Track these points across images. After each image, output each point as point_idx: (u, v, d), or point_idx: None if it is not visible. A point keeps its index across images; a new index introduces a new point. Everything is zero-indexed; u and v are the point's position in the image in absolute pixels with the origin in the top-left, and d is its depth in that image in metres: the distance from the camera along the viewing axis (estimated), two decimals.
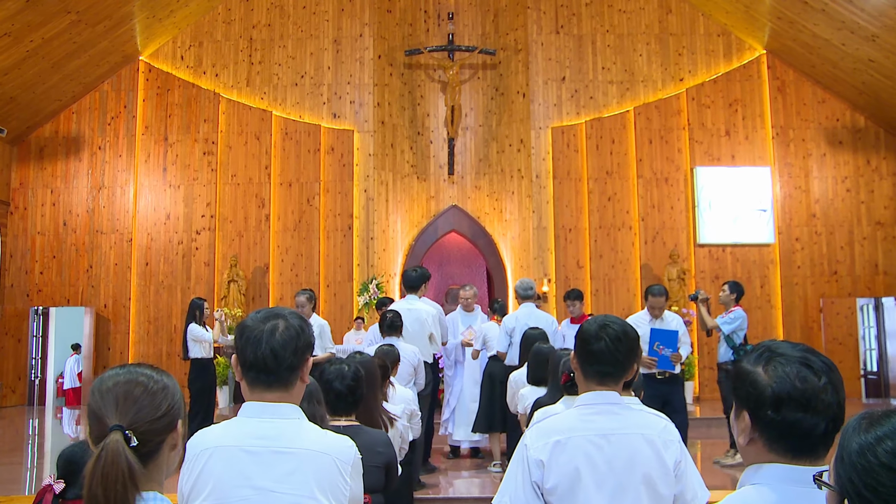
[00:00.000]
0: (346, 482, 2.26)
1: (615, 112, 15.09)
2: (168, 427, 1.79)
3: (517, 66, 15.31)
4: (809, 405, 1.71)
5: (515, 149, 15.11)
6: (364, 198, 14.66)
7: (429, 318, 7.84)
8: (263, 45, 15.29)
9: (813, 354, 1.78)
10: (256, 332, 2.25)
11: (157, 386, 1.80)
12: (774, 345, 1.82)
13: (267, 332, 2.25)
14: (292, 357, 2.25)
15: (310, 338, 2.32)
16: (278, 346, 2.23)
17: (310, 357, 2.34)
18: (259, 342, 2.23)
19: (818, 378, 1.73)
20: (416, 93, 15.62)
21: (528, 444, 2.67)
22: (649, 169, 14.88)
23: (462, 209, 15.30)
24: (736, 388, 1.83)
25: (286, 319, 2.29)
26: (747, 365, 1.81)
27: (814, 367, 1.74)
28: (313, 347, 2.38)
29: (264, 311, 2.35)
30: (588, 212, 14.76)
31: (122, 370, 1.83)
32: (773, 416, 1.73)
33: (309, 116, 15.03)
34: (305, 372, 2.32)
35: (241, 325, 2.32)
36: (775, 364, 1.75)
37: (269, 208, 14.75)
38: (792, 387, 1.72)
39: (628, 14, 15.44)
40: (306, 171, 14.83)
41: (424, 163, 15.43)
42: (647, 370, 7.12)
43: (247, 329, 2.28)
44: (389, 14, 15.55)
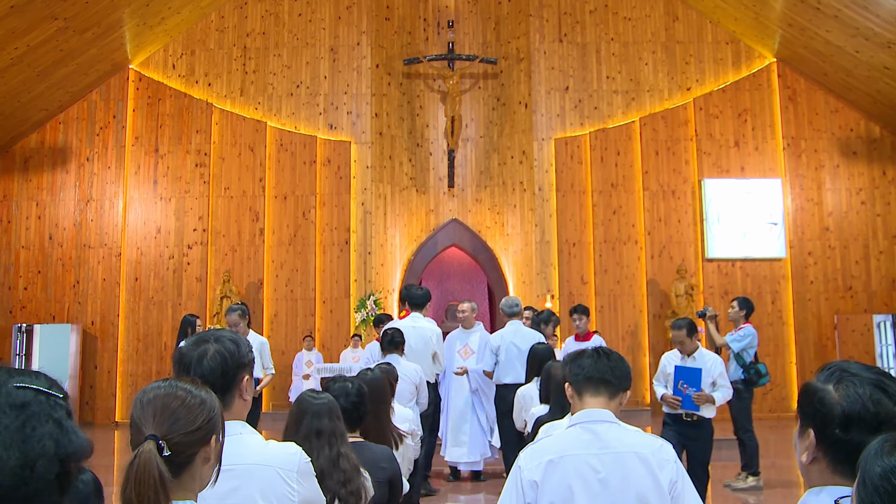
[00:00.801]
0: (293, 488, 2.46)
1: (620, 123, 15.08)
2: (202, 440, 1.90)
3: (519, 75, 15.31)
4: (881, 428, 1.67)
5: (517, 161, 15.10)
6: (361, 211, 14.67)
7: (433, 337, 7.88)
8: (258, 54, 15.30)
9: (888, 378, 1.77)
10: (187, 359, 2.43)
11: (194, 400, 1.92)
12: (847, 364, 1.81)
13: (196, 358, 2.42)
14: (221, 380, 2.40)
15: (242, 358, 2.47)
16: (207, 371, 2.39)
17: (245, 376, 2.48)
18: (189, 368, 2.41)
19: (892, 402, 1.72)
20: (416, 103, 15.62)
21: (521, 465, 2.76)
22: (656, 181, 14.85)
23: (462, 223, 15.29)
24: (802, 406, 1.84)
25: (218, 343, 2.45)
26: (817, 383, 1.81)
27: (888, 391, 1.73)
28: (250, 365, 2.53)
29: (198, 335, 2.52)
30: (592, 225, 14.73)
31: (164, 383, 1.97)
32: (841, 436, 1.72)
33: (305, 127, 15.03)
34: (244, 389, 2.48)
35: (178, 351, 2.50)
36: (847, 383, 1.75)
37: (263, 222, 14.73)
38: (863, 407, 1.71)
39: (633, 22, 15.44)
40: (302, 184, 14.82)
41: (423, 175, 15.44)
42: (671, 410, 6.83)
43: (181, 356, 2.46)
44: (388, 22, 15.55)
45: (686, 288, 14.21)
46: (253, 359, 2.59)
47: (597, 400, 2.85)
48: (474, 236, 15.16)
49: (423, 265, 15.08)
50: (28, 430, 1.30)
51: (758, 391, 10.92)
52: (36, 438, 1.30)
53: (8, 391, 1.33)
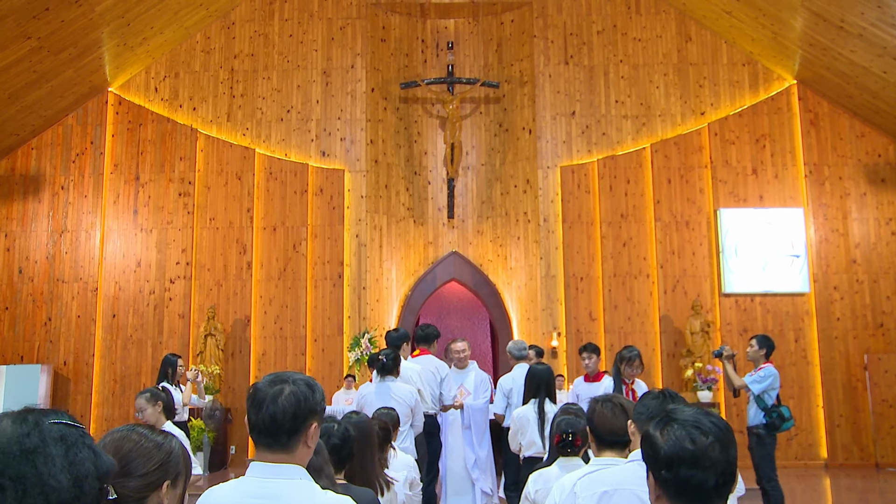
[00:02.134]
0: None
1: (630, 149, 15.02)
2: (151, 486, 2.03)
3: (523, 99, 15.29)
4: (698, 463, 2.05)
5: (521, 190, 15.06)
6: (356, 244, 14.61)
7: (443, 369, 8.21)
8: (246, 77, 15.26)
9: (706, 416, 2.15)
10: (261, 396, 2.55)
11: (149, 444, 2.07)
12: (675, 409, 2.19)
13: (271, 396, 2.54)
14: (291, 422, 2.51)
15: (315, 405, 2.59)
16: (279, 411, 2.51)
17: (314, 423, 2.59)
18: (261, 406, 2.53)
19: (706, 437, 2.07)
20: (413, 129, 15.59)
21: (577, 492, 3.11)
22: (668, 211, 14.76)
23: (463, 256, 15.19)
24: (642, 451, 2.21)
25: (293, 385, 2.57)
26: (649, 429, 2.18)
27: (702, 428, 2.10)
28: (321, 413, 2.65)
29: (275, 374, 2.65)
30: (601, 258, 14.64)
31: (125, 427, 2.14)
32: (667, 475, 2.07)
33: (295, 154, 14.98)
34: (310, 436, 2.58)
35: (253, 387, 2.63)
36: (669, 427, 2.11)
37: (251, 255, 14.62)
38: (681, 448, 2.07)
39: (644, 43, 15.39)
40: (292, 215, 14.75)
41: (422, 205, 15.38)
42: None
43: (255, 392, 2.59)
44: (383, 43, 15.54)
45: (702, 325, 14.07)
46: (325, 407, 2.70)
47: None
48: (475, 270, 15.04)
49: (420, 301, 14.97)
50: (72, 456, 1.64)
51: (781, 437, 11.03)
52: (79, 463, 1.64)
53: (48, 427, 1.65)
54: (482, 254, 15.22)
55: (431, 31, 15.81)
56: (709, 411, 2.17)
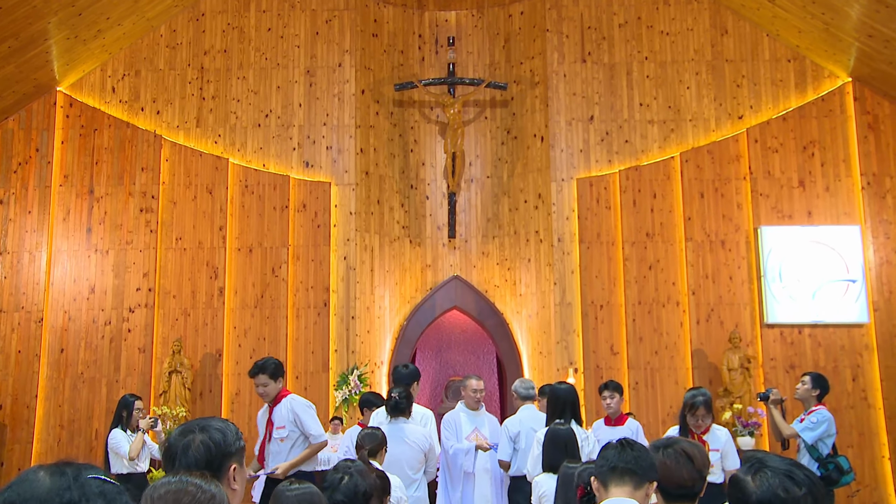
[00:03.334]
0: None
1: (657, 159, 14.67)
2: None
3: (534, 102, 15.08)
4: None
5: (532, 205, 14.84)
6: (343, 267, 14.39)
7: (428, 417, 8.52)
8: (218, 76, 14.97)
9: (798, 468, 2.55)
10: (172, 450, 2.88)
11: (205, 496, 2.34)
12: (765, 456, 2.61)
13: (181, 448, 2.86)
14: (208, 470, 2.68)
15: (229, 447, 2.87)
16: (192, 461, 2.81)
17: (234, 464, 2.86)
18: (174, 460, 2.85)
19: (799, 489, 2.47)
20: (409, 136, 15.45)
21: None
22: (701, 230, 14.39)
23: (466, 281, 14.98)
24: (728, 495, 2.62)
25: (202, 433, 2.88)
26: (738, 474, 2.60)
27: (796, 479, 2.50)
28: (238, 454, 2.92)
29: (185, 424, 2.97)
30: (624, 284, 14.31)
31: (175, 479, 2.40)
32: None
33: (275, 165, 14.73)
34: (231, 479, 2.84)
35: (166, 441, 3.00)
36: (762, 474, 2.52)
37: (223, 280, 14.31)
38: (774, 495, 2.49)
39: (672, 37, 15.04)
40: (271, 234, 14.48)
41: (419, 223, 15.23)
42: None
43: (168, 446, 2.92)
44: (375, 39, 15.31)
45: (741, 360, 13.61)
46: (243, 446, 2.95)
47: (622, 490, 3.50)
48: (480, 297, 14.84)
49: (418, 332, 14.78)
50: None
51: (840, 493, 10.76)
52: None
53: (88, 482, 1.93)
54: (488, 278, 15.07)
55: (430, 24, 15.66)
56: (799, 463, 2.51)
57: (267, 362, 7.85)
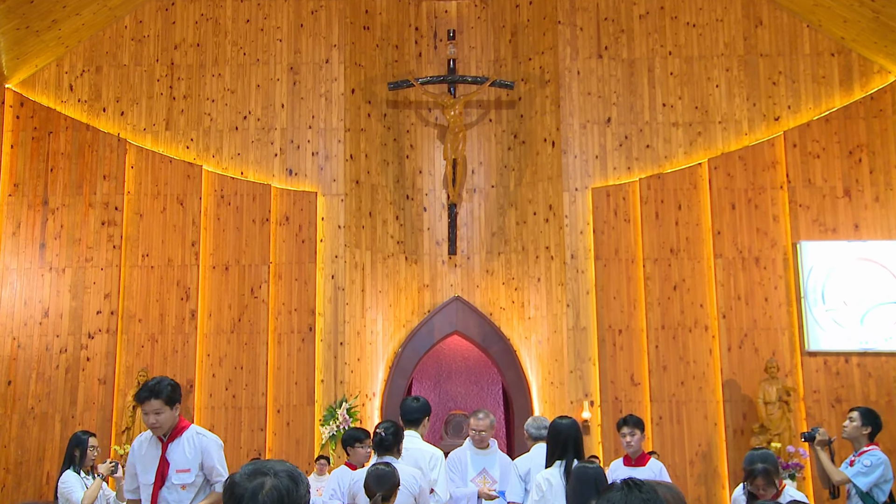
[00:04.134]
0: None
1: (682, 166, 14.55)
2: None
3: (544, 103, 14.89)
4: None
5: (542, 218, 14.62)
6: (331, 287, 14.08)
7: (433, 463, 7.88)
8: (190, 73, 14.87)
9: None
10: (239, 491, 2.82)
11: None
12: None
13: (250, 492, 2.81)
14: None
15: (300, 498, 2.87)
16: None
17: None
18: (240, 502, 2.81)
19: None
20: (405, 141, 15.28)
21: None
22: (732, 245, 14.18)
23: (468, 303, 14.67)
24: None
25: (274, 477, 2.83)
26: None
27: None
28: None
29: (253, 465, 2.91)
30: (645, 306, 14.18)
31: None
32: None
33: (254, 173, 14.56)
34: None
35: (229, 481, 2.91)
36: None
37: (195, 301, 14.11)
38: None
39: (700, 29, 14.84)
40: (250, 250, 14.28)
41: (416, 238, 14.95)
42: None
43: (232, 486, 2.86)
44: (367, 32, 15.11)
45: (779, 392, 13.34)
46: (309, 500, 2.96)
47: None
48: (484, 321, 14.55)
49: (414, 360, 14.48)
50: None
51: None
52: None
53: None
54: (493, 300, 14.79)
55: (428, 16, 15.65)
56: None
57: (161, 384, 6.82)
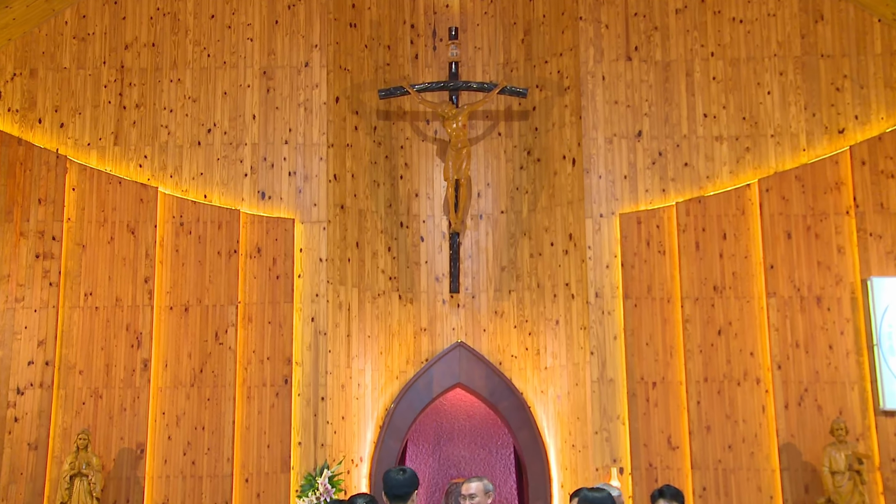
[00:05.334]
0: None
1: (728, 187, 13.68)
2: None
3: (563, 113, 14.20)
4: None
5: (561, 249, 13.96)
6: (311, 331, 13.52)
7: None
8: (144, 78, 14.19)
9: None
10: None
11: None
12: None
13: None
14: None
15: None
16: None
17: None
18: None
19: None
20: (398, 159, 14.67)
21: None
22: (789, 282, 13.28)
23: (473, 350, 14.02)
24: None
25: None
26: None
27: None
28: None
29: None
30: (684, 354, 13.28)
31: None
32: None
33: (220, 196, 13.88)
34: None
35: None
36: None
37: (149, 349, 13.31)
38: None
39: (748, 25, 14.05)
40: (214, 288, 13.60)
41: (411, 273, 14.42)
42: None
43: None
44: (354, 30, 14.47)
45: (849, 460, 12.27)
46: None
47: None
48: (492, 371, 13.93)
49: (410, 418, 13.99)
50: None
51: None
52: None
53: None
54: (502, 346, 14.16)
55: (426, 11, 14.91)
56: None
57: None
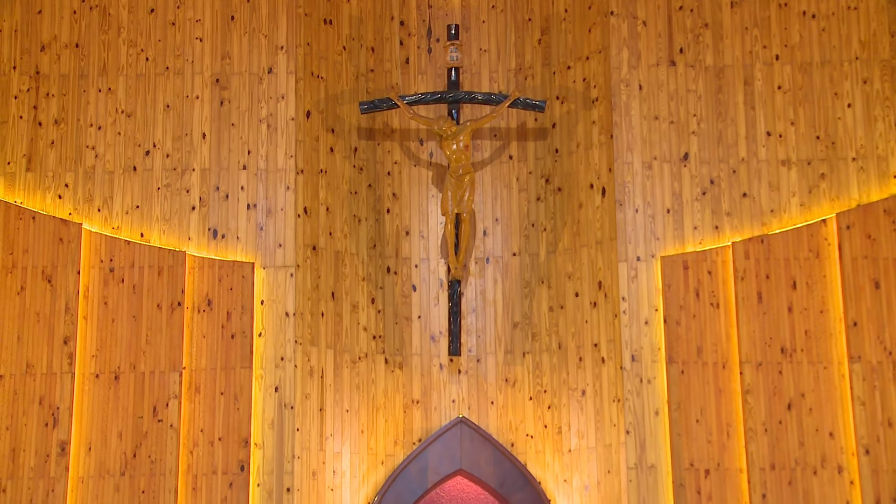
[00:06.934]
0: None
1: (797, 224, 12.75)
2: None
3: (590, 132, 13.36)
4: None
5: (588, 301, 13.13)
6: (274, 404, 12.68)
7: None
8: (65, 87, 13.23)
9: None
10: None
11: None
12: None
13: None
14: None
15: None
16: None
17: None
18: None
19: None
20: (384, 188, 13.94)
21: None
22: (877, 343, 12.29)
23: (478, 428, 13.24)
24: None
25: None
26: None
27: None
28: None
29: None
30: (745, 434, 12.34)
31: None
32: None
33: (161, 235, 12.92)
34: None
35: None
36: None
37: (68, 427, 12.27)
38: None
39: (823, 21, 13.12)
40: (153, 350, 12.59)
41: (400, 331, 13.62)
42: None
43: None
44: (330, 28, 13.60)
45: None
46: None
47: None
48: (502, 455, 13.14)
49: None
50: None
51: None
52: None
53: None
54: (515, 423, 13.37)
55: (418, 4, 14.20)
56: None
57: None
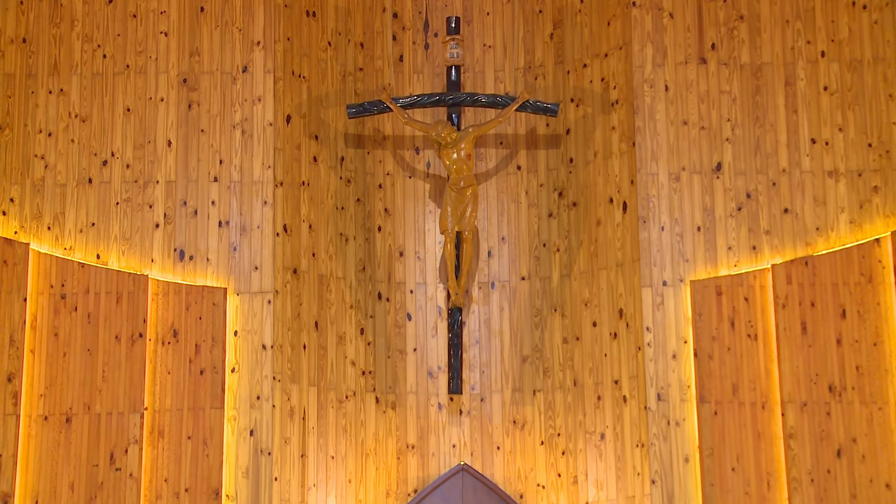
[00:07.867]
0: None
1: (848, 244, 12.39)
2: None
3: (608, 139, 13.08)
4: None
5: (608, 332, 12.90)
6: (248, 451, 12.33)
7: None
8: (10, 88, 12.98)
9: None
10: None
11: None
12: None
13: None
14: None
15: None
16: None
17: None
18: None
19: None
20: (374, 203, 13.70)
21: None
22: None
23: (482, 477, 12.92)
24: None
25: None
26: None
27: None
28: None
29: None
30: (788, 484, 11.96)
31: None
32: None
33: (119, 256, 12.59)
34: None
35: None
36: None
37: (11, 478, 12.01)
38: None
39: (875, 13, 12.71)
40: (110, 388, 12.30)
41: (393, 366, 13.32)
42: None
43: None
44: (313, 22, 13.27)
45: None
46: None
47: None
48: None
49: None
50: None
51: None
52: None
53: None
54: (524, 471, 13.09)
55: None
56: None
57: None
